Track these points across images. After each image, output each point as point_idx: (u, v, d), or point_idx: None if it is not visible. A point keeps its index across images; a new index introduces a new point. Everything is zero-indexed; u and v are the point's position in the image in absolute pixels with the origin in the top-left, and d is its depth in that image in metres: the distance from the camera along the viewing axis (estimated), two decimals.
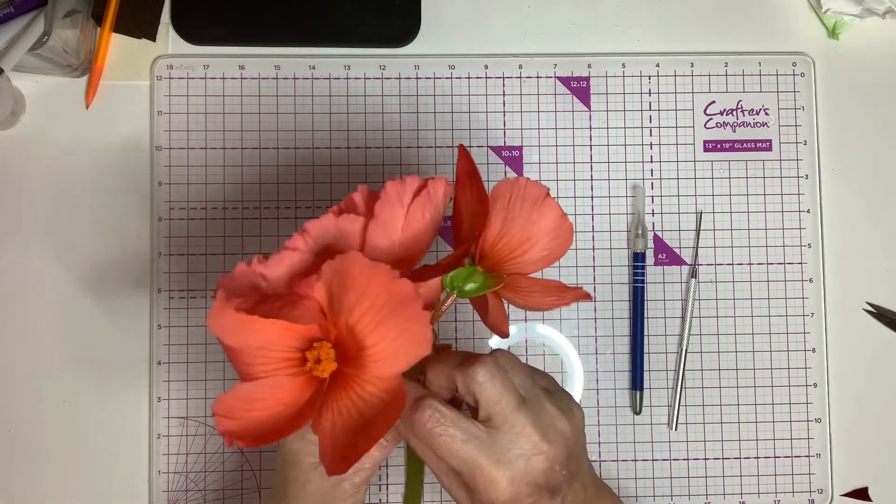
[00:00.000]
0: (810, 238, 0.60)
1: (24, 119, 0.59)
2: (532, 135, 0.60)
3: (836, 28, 0.61)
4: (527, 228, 0.40)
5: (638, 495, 0.58)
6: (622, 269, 0.59)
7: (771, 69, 0.61)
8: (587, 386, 0.58)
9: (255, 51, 0.60)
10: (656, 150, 0.60)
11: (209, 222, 0.58)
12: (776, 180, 0.60)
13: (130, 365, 0.57)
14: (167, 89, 0.59)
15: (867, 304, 0.60)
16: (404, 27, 0.59)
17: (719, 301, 0.59)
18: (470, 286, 0.40)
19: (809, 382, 0.59)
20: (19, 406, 0.57)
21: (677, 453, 0.58)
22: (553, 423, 0.39)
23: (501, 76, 0.60)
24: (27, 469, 0.57)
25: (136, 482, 0.57)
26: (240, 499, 0.57)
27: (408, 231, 0.38)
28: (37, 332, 0.57)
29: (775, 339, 0.59)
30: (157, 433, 0.57)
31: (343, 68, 0.59)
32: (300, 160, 0.59)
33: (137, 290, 0.58)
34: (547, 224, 0.40)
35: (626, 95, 0.60)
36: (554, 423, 0.39)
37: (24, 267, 0.58)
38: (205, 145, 0.59)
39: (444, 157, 0.59)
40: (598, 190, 0.59)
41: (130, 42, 0.59)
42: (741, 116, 0.60)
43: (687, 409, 0.58)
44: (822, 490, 0.58)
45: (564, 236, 0.40)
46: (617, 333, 0.59)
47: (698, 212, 0.60)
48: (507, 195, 0.40)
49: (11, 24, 0.54)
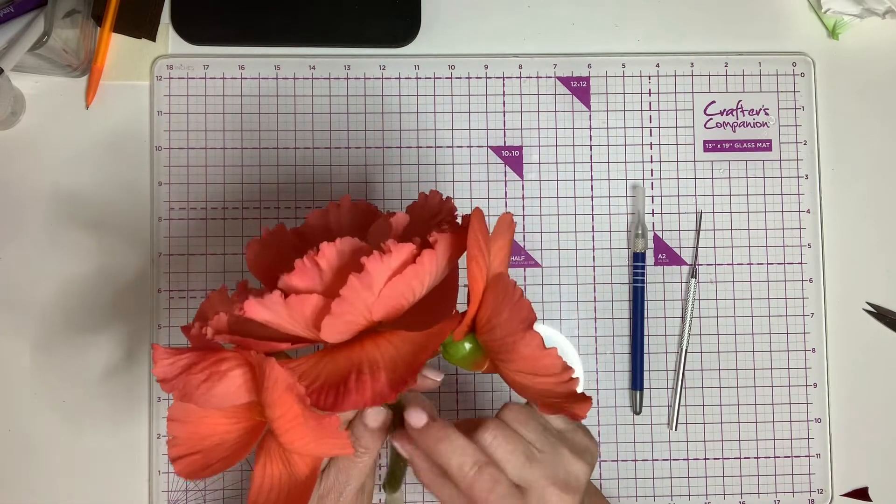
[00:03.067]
0: (810, 238, 0.60)
1: (24, 119, 0.59)
2: (532, 135, 0.60)
3: (836, 28, 0.61)
4: (506, 341, 0.36)
5: (638, 495, 0.58)
6: (622, 269, 0.59)
7: (771, 69, 0.61)
8: (587, 386, 0.58)
9: (255, 51, 0.60)
10: (656, 150, 0.60)
11: (209, 222, 0.58)
12: (776, 180, 0.60)
13: (130, 365, 0.57)
14: (167, 89, 0.59)
15: (867, 304, 0.60)
16: (404, 27, 0.59)
17: (719, 301, 0.59)
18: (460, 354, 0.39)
19: (809, 382, 0.59)
20: (19, 406, 0.57)
21: (677, 453, 0.58)
22: (571, 470, 0.39)
23: (501, 76, 0.60)
24: (27, 469, 0.57)
25: (136, 482, 0.57)
26: (240, 499, 0.57)
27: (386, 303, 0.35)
28: (37, 332, 0.57)
29: (775, 339, 0.59)
30: (157, 433, 0.57)
31: (343, 68, 0.59)
32: (300, 160, 0.59)
33: (137, 290, 0.58)
34: (526, 353, 0.36)
35: (626, 95, 0.60)
36: (572, 471, 0.39)
37: (24, 266, 0.58)
38: (205, 145, 0.59)
39: (444, 157, 0.59)
40: (598, 190, 0.59)
41: (130, 42, 0.59)
42: (741, 116, 0.60)
43: (687, 409, 0.58)
44: (822, 490, 0.58)
45: (544, 371, 0.36)
46: (617, 333, 0.59)
47: (698, 212, 0.60)
48: (501, 295, 0.36)
49: (11, 24, 0.54)
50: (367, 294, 0.34)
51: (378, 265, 0.33)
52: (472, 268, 0.36)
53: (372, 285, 0.33)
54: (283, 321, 0.34)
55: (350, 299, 0.33)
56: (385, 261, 0.33)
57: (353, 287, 0.33)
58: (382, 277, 0.34)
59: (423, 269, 0.34)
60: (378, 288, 0.34)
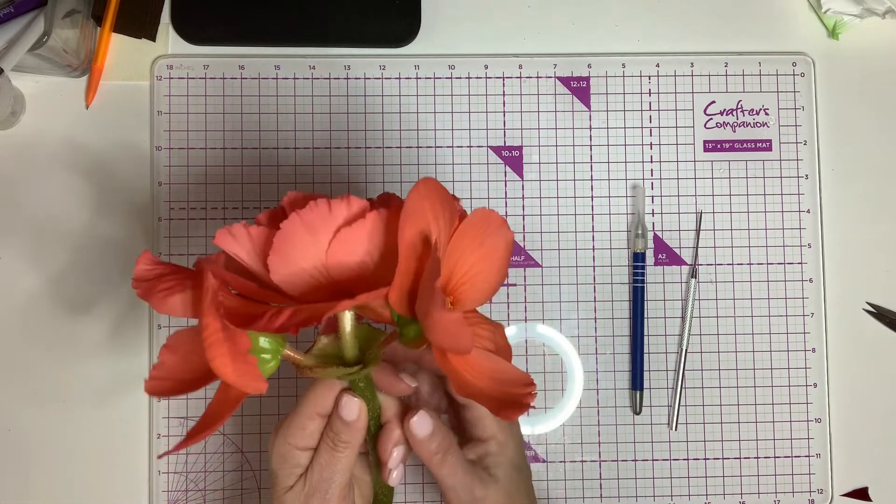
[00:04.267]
0: (810, 238, 0.60)
1: (24, 119, 0.59)
2: (532, 135, 0.60)
3: (836, 28, 0.61)
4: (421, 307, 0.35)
5: (638, 495, 0.58)
6: (622, 269, 0.59)
7: (771, 69, 0.61)
8: (587, 386, 0.58)
9: (255, 51, 0.60)
10: (656, 150, 0.60)
11: (209, 222, 0.58)
12: (776, 180, 0.60)
13: (130, 365, 0.57)
14: (167, 89, 0.59)
15: (867, 304, 0.60)
16: (404, 27, 0.59)
17: (719, 301, 0.59)
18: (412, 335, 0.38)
19: (809, 382, 0.59)
20: (19, 406, 0.57)
21: (677, 453, 0.58)
22: None
23: (501, 76, 0.60)
24: (27, 469, 0.57)
25: (136, 482, 0.57)
26: (240, 499, 0.57)
27: (337, 258, 0.35)
28: (36, 332, 0.57)
29: (775, 339, 0.59)
30: (157, 433, 0.57)
31: (343, 68, 0.59)
32: (300, 160, 0.59)
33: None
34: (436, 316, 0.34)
35: (626, 95, 0.60)
36: None
37: (24, 266, 0.58)
38: (205, 145, 0.59)
39: (444, 157, 0.59)
40: (598, 190, 0.59)
41: (130, 42, 0.59)
42: (741, 116, 0.60)
43: (687, 409, 0.58)
44: (822, 490, 0.58)
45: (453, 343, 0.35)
46: (617, 333, 0.59)
47: (698, 212, 0.60)
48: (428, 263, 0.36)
49: (11, 24, 0.54)
50: (309, 237, 0.34)
51: (322, 209, 0.34)
52: (406, 230, 0.35)
53: (314, 228, 0.34)
54: (249, 256, 0.36)
55: (288, 235, 0.34)
56: (331, 208, 0.34)
57: (292, 222, 0.34)
58: (326, 223, 0.34)
59: (370, 225, 0.35)
60: (323, 235, 0.34)
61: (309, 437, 0.41)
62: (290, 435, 0.41)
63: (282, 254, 0.35)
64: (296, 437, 0.41)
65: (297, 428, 0.41)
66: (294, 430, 0.41)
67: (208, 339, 0.34)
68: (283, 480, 0.42)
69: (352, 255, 0.36)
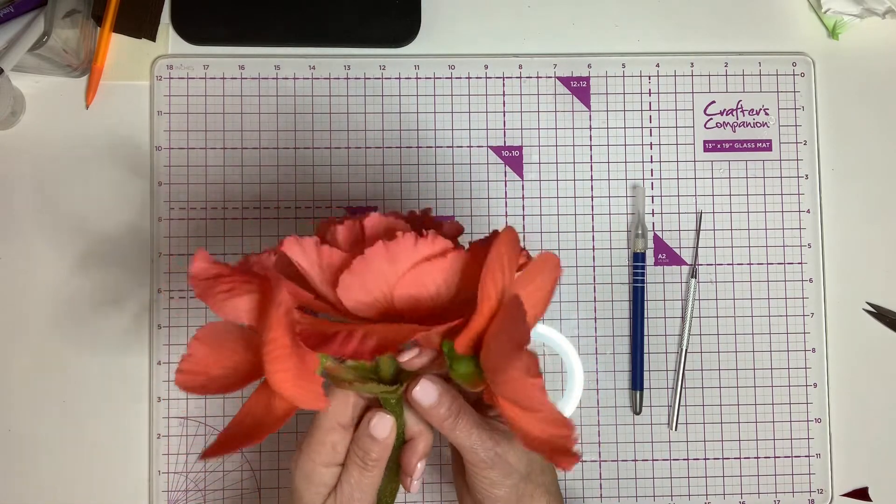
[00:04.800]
0: (810, 238, 0.60)
1: (24, 119, 0.59)
2: (532, 135, 0.60)
3: (836, 28, 0.61)
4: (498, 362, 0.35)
5: (638, 495, 0.58)
6: (622, 269, 0.59)
7: (771, 69, 0.61)
8: (587, 386, 0.58)
9: (255, 51, 0.60)
10: (656, 150, 0.60)
11: (209, 222, 0.58)
12: (776, 180, 0.60)
13: (130, 365, 0.57)
14: (167, 89, 0.59)
15: (867, 304, 0.60)
16: (404, 27, 0.59)
17: (719, 301, 0.59)
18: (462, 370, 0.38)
19: (809, 382, 0.59)
20: (19, 406, 0.57)
21: (677, 453, 0.58)
22: None
23: (501, 76, 0.60)
24: (27, 469, 0.57)
25: (136, 482, 0.57)
26: (240, 499, 0.57)
27: (408, 288, 0.36)
28: (36, 332, 0.57)
29: (775, 339, 0.59)
30: (157, 433, 0.57)
31: (343, 68, 0.59)
32: (300, 160, 0.59)
33: (137, 290, 0.58)
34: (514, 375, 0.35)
35: (626, 95, 0.60)
36: None
37: (24, 266, 0.58)
38: (205, 145, 0.59)
39: (444, 157, 0.59)
40: (598, 190, 0.59)
41: (130, 42, 0.59)
42: (741, 116, 0.60)
43: (687, 409, 0.58)
44: (822, 490, 0.58)
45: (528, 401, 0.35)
46: (617, 333, 0.59)
47: (698, 212, 0.60)
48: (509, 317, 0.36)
49: (11, 24, 0.54)
50: (388, 266, 0.35)
51: (408, 243, 0.35)
52: (487, 281, 0.36)
53: (396, 259, 0.35)
54: (313, 268, 0.36)
55: (370, 262, 0.34)
56: (417, 243, 0.35)
57: (378, 251, 0.34)
58: (409, 256, 0.35)
59: (448, 265, 0.35)
60: (402, 266, 0.35)
61: (331, 451, 0.41)
62: (312, 451, 0.41)
63: (358, 276, 0.35)
64: (319, 453, 0.41)
65: (319, 444, 0.41)
66: (316, 447, 0.41)
67: (273, 352, 0.34)
68: (309, 500, 0.42)
69: (422, 289, 0.36)
